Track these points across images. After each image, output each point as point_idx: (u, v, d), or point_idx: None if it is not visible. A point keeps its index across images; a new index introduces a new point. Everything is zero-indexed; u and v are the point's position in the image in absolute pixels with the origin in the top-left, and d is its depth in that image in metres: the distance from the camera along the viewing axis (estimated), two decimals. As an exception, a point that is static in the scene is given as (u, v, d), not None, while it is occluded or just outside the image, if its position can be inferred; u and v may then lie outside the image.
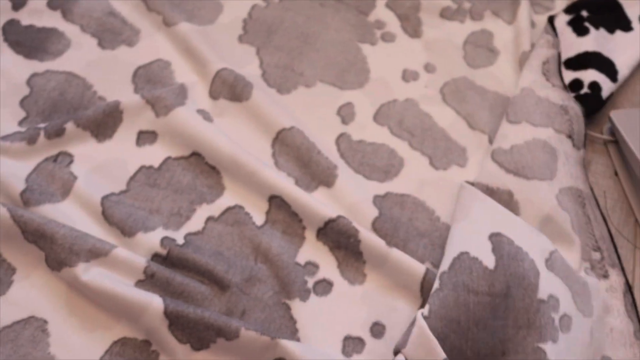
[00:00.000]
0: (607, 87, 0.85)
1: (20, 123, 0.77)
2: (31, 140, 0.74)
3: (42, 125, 0.76)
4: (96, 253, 0.67)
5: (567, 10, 0.94)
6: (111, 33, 0.85)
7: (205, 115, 0.79)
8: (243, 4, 0.91)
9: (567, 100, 0.84)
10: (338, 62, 0.87)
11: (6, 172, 0.71)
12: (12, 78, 0.80)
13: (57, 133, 0.75)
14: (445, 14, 0.94)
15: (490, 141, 0.83)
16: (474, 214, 0.71)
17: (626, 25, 0.92)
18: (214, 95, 0.81)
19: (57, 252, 0.66)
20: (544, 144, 0.79)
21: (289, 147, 0.78)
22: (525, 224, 0.72)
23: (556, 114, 0.82)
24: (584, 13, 0.93)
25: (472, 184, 0.77)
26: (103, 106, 0.77)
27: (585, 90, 0.85)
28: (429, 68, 0.89)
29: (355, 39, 0.90)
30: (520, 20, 0.94)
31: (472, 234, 0.69)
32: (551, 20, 0.93)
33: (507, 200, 0.76)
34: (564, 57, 0.89)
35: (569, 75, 0.87)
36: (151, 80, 0.82)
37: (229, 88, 0.81)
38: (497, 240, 0.68)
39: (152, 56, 0.84)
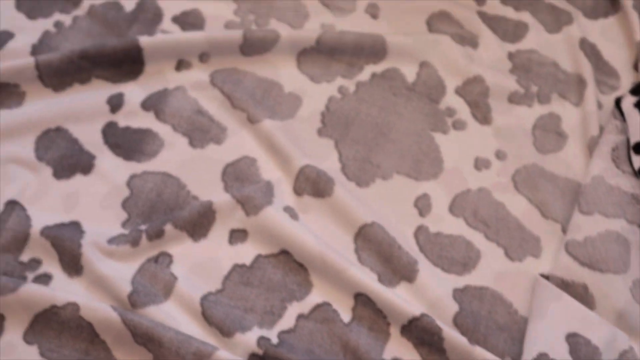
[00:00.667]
0: (677, 171, 0.88)
1: (123, 225, 0.83)
2: (134, 242, 0.81)
3: (143, 227, 0.82)
4: (200, 355, 0.72)
5: (634, 91, 0.97)
6: (200, 131, 0.91)
7: (292, 213, 0.84)
8: (320, 96, 0.96)
9: (638, 187, 0.87)
10: (413, 152, 0.92)
11: (114, 275, 0.78)
12: (114, 180, 0.86)
13: (157, 234, 0.81)
14: (514, 98, 0.98)
15: (564, 230, 0.86)
16: (550, 313, 0.75)
17: (694, 106, 0.94)
18: (298, 191, 0.87)
19: (164, 355, 0.72)
20: (617, 235, 0.82)
21: (371, 242, 0.83)
22: (601, 320, 0.75)
23: (627, 203, 0.85)
24: (651, 93, 0.95)
25: (547, 277, 0.81)
26: (197, 207, 0.83)
27: (655, 175, 0.88)
28: (500, 155, 0.93)
29: (428, 128, 0.94)
30: (587, 103, 0.97)
31: (549, 335, 0.73)
32: (618, 102, 0.96)
33: (582, 294, 0.79)
34: (633, 141, 0.92)
35: (638, 161, 0.90)
36: (239, 178, 0.88)
37: (312, 184, 0.86)
38: (574, 342, 0.71)
39: (238, 153, 0.90)
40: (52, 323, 0.74)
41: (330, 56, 0.99)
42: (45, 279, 0.79)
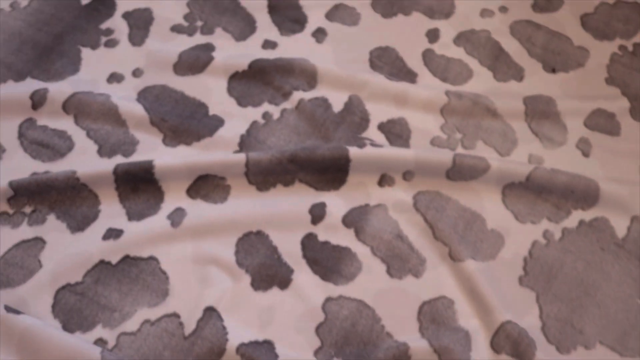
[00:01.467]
0: None
1: (316, 353, 0.82)
2: (328, 378, 0.79)
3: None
4: None
5: None
6: (399, 260, 0.88)
7: (490, 373, 0.81)
8: (524, 239, 0.92)
9: None
10: (619, 321, 0.86)
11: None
12: (310, 300, 0.85)
13: (350, 373, 0.79)
14: None
15: None
16: None
17: None
18: (496, 348, 0.83)
19: None
20: None
21: (570, 423, 0.78)
22: None
23: None
24: None
25: None
26: (393, 349, 0.81)
27: None
28: None
29: (637, 295, 0.89)
30: None
31: None
32: None
33: None
34: None
35: None
36: (435, 320, 0.84)
37: (513, 344, 0.82)
38: None
39: (436, 291, 0.87)
40: None
41: (538, 194, 0.95)
42: (236, 399, 0.78)
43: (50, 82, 0.98)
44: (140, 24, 1.05)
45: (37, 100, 0.96)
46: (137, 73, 1.00)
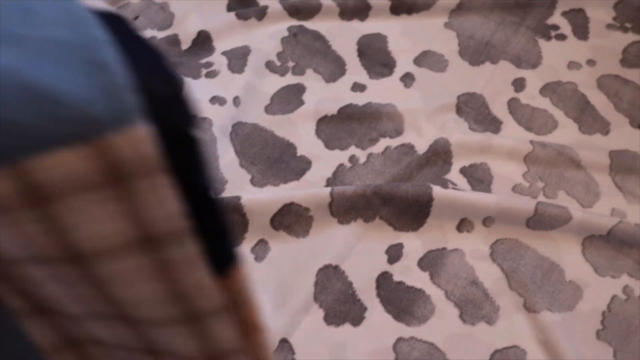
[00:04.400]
0: None
1: (387, 393, 0.82)
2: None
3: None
4: None
5: None
6: (473, 305, 0.89)
7: None
8: (604, 293, 0.91)
9: None
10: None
11: None
12: (381, 339, 0.86)
13: (418, 415, 0.80)
14: None
15: None
16: None
17: None
18: (569, 403, 0.81)
19: None
20: None
21: None
22: None
23: None
24: None
25: None
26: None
27: None
28: None
29: None
30: None
31: None
32: None
33: None
34: None
35: None
36: (507, 369, 0.84)
37: (586, 400, 0.81)
38: None
39: (509, 341, 0.87)
40: None
41: (619, 249, 0.93)
42: None
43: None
44: (238, 55, 1.11)
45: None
46: (236, 102, 1.05)
